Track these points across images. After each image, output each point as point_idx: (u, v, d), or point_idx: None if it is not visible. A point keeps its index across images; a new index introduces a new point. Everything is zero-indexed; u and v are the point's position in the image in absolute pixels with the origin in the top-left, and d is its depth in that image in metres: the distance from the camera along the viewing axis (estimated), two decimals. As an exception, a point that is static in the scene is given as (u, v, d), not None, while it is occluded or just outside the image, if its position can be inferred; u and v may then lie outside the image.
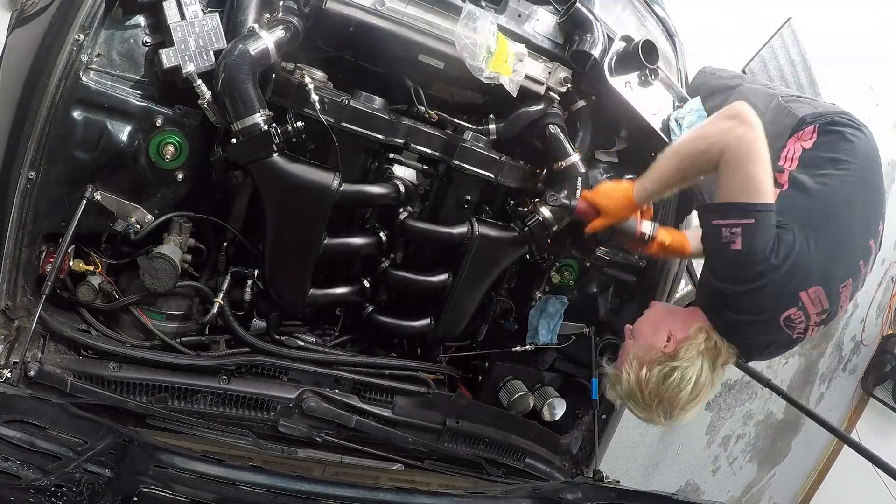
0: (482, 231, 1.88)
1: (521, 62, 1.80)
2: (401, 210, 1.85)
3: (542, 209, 1.89)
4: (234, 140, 1.59)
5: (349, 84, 1.83)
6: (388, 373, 1.95)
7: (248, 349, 1.80)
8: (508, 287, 2.16)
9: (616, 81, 1.92)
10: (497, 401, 2.09)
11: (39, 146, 1.52)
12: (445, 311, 1.98)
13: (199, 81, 1.56)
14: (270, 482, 1.44)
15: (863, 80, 4.88)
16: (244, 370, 1.79)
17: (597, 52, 1.84)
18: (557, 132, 1.92)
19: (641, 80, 1.97)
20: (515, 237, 1.93)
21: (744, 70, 4.16)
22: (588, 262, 2.13)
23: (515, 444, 2.09)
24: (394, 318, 1.98)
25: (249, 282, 1.80)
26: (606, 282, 2.23)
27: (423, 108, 1.84)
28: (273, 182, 1.66)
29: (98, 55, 1.56)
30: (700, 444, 5.25)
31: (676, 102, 2.09)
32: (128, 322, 1.74)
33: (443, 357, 2.14)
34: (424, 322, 1.99)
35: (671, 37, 2.23)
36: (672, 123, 2.04)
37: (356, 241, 1.86)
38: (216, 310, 1.74)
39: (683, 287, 2.56)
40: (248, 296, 1.80)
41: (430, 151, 1.86)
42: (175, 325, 1.78)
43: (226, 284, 1.76)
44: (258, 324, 1.86)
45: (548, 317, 2.14)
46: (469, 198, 1.92)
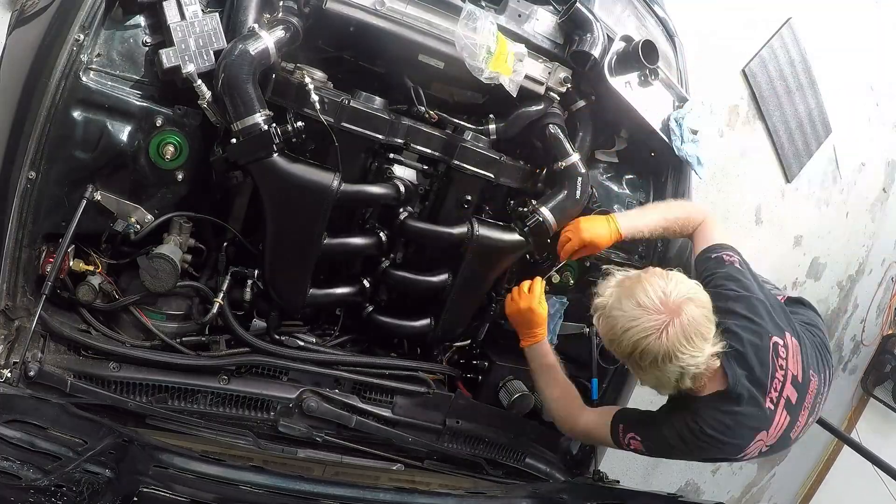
0: (482, 231, 1.88)
1: (521, 62, 1.80)
2: (401, 210, 1.86)
3: (542, 209, 1.89)
4: (234, 140, 1.59)
5: (349, 84, 1.83)
6: (388, 373, 1.95)
7: (248, 349, 1.80)
8: (508, 287, 2.16)
9: (616, 81, 1.93)
10: (497, 401, 2.08)
11: (39, 146, 1.52)
12: (445, 311, 1.98)
13: (199, 81, 1.57)
14: (270, 482, 1.44)
15: (863, 80, 4.87)
16: (244, 370, 1.79)
17: (597, 52, 1.84)
18: (557, 132, 1.93)
19: (641, 80, 1.98)
20: (515, 237, 1.93)
21: (744, 70, 4.17)
22: (588, 262, 2.13)
23: (515, 444, 2.09)
24: (394, 318, 1.98)
25: (249, 282, 1.80)
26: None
27: (423, 108, 1.84)
28: (273, 182, 1.66)
29: (98, 55, 1.57)
30: (700, 445, 5.22)
31: (676, 102, 2.09)
32: (128, 322, 1.74)
33: (443, 357, 2.14)
34: (424, 322, 1.99)
35: (671, 37, 2.23)
36: (672, 123, 2.04)
37: (356, 241, 1.86)
38: (216, 310, 1.74)
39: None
40: (248, 296, 1.80)
41: (430, 151, 1.86)
42: (175, 325, 1.78)
43: (226, 284, 1.76)
44: (258, 324, 1.85)
45: (548, 317, 2.13)
46: (469, 198, 1.92)
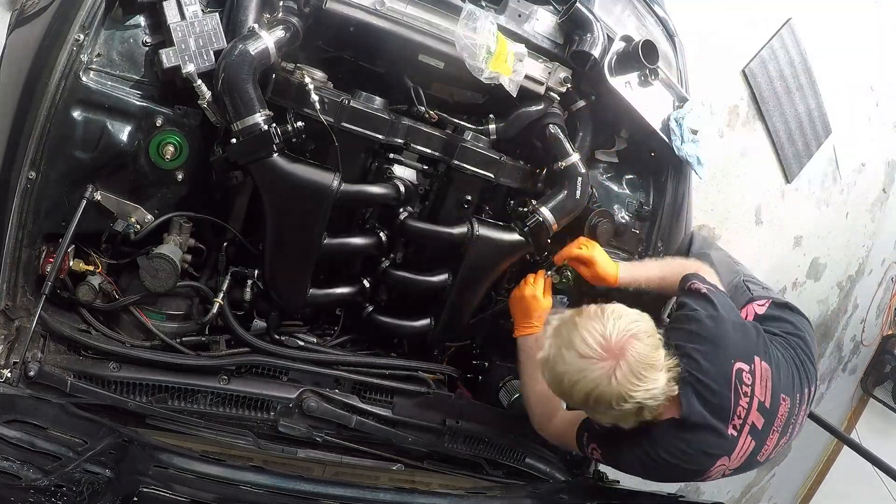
0: (482, 231, 1.88)
1: (521, 62, 1.80)
2: (401, 210, 1.85)
3: (542, 209, 1.89)
4: (234, 140, 1.59)
5: (349, 84, 1.83)
6: (388, 373, 1.95)
7: (248, 349, 1.80)
8: (508, 287, 2.16)
9: (616, 81, 1.93)
10: (497, 401, 2.08)
11: (39, 146, 1.52)
12: (445, 311, 1.97)
13: (199, 81, 1.57)
14: (270, 482, 1.44)
15: (863, 80, 4.87)
16: (244, 370, 1.79)
17: (597, 52, 1.84)
18: (557, 132, 1.93)
19: (641, 80, 1.98)
20: (515, 237, 1.93)
21: (744, 71, 4.18)
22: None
23: (515, 444, 2.09)
24: (394, 318, 1.98)
25: (249, 282, 1.80)
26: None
27: (423, 108, 1.84)
28: (273, 182, 1.66)
29: (98, 55, 1.56)
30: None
31: (676, 102, 2.09)
32: (128, 322, 1.74)
33: (443, 357, 2.14)
34: (424, 322, 1.99)
35: (671, 37, 2.23)
36: (672, 123, 2.04)
37: (356, 241, 1.86)
38: (216, 310, 1.73)
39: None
40: (248, 296, 1.80)
41: (430, 151, 1.86)
42: (175, 325, 1.78)
43: (226, 284, 1.76)
44: (258, 324, 1.85)
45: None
46: (469, 198, 1.92)
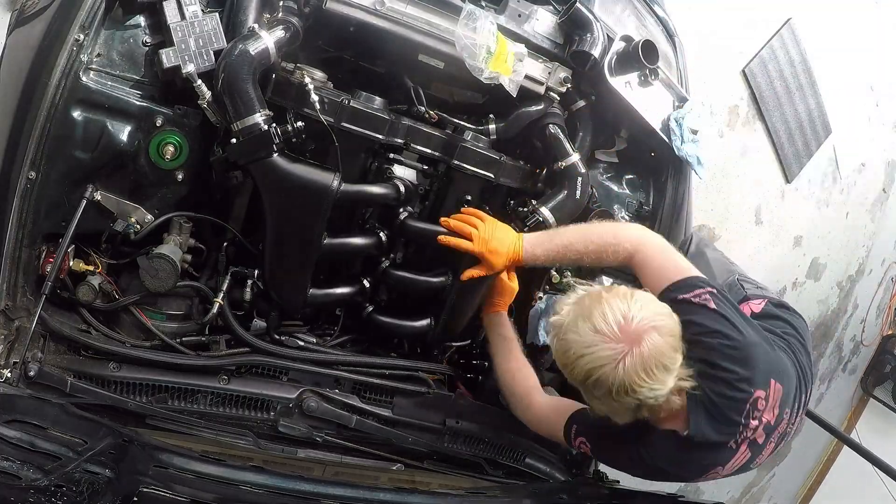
0: (482, 231, 1.88)
1: (521, 62, 1.80)
2: (401, 210, 1.86)
3: (542, 209, 1.89)
4: (234, 140, 1.59)
5: (349, 84, 1.83)
6: (388, 373, 1.95)
7: (248, 349, 1.80)
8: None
9: (616, 81, 1.93)
10: (497, 401, 2.08)
11: (39, 146, 1.52)
12: (445, 311, 1.97)
13: (199, 81, 1.56)
14: (270, 482, 1.44)
15: (863, 80, 4.87)
16: (244, 370, 1.79)
17: (597, 52, 1.84)
18: (557, 132, 1.93)
19: (641, 80, 1.98)
20: (515, 237, 1.93)
21: (744, 71, 4.18)
22: None
23: (515, 444, 2.09)
24: (394, 318, 1.98)
25: (249, 282, 1.80)
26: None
27: (423, 108, 1.84)
28: (273, 182, 1.65)
29: (98, 55, 1.56)
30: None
31: (676, 102, 2.09)
32: (128, 322, 1.74)
33: (443, 357, 2.14)
34: (424, 322, 1.99)
35: (671, 37, 2.23)
36: (672, 123, 2.04)
37: (356, 241, 1.86)
38: (216, 310, 1.73)
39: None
40: (248, 296, 1.80)
41: (430, 151, 1.86)
42: (175, 325, 1.78)
43: (226, 284, 1.76)
44: (258, 324, 1.85)
45: (548, 317, 2.13)
46: (469, 198, 1.92)
